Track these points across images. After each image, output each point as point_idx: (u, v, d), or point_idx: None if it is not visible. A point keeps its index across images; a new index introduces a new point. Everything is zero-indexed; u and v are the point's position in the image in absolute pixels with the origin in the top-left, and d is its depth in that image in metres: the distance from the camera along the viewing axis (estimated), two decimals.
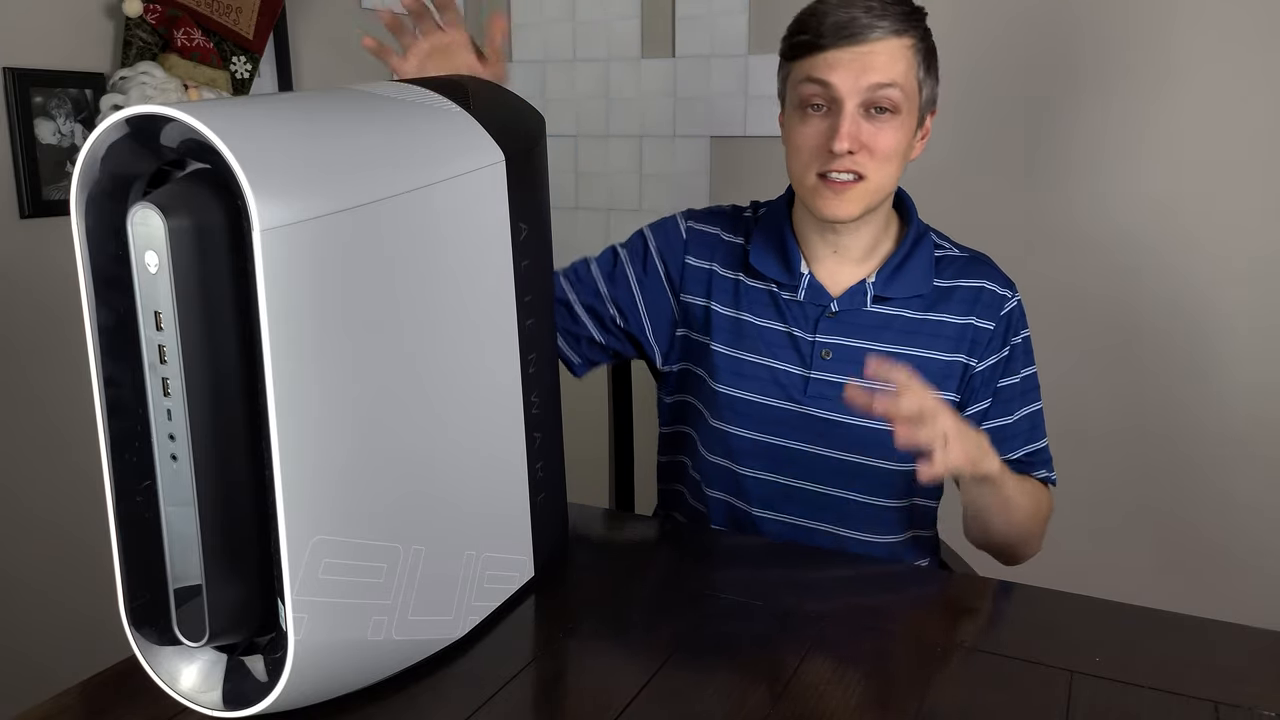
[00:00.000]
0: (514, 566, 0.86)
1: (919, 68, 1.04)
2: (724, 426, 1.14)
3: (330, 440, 0.65)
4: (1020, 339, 1.13)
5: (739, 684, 0.77)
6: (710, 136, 2.17)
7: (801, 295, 1.11)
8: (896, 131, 1.03)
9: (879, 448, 1.10)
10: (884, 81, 1.01)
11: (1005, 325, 1.11)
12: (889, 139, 1.03)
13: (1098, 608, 0.90)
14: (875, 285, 1.10)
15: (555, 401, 0.93)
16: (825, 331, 1.10)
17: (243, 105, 0.65)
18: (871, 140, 1.02)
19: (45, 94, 1.50)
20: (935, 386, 1.08)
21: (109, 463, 0.66)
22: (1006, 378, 1.12)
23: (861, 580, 0.99)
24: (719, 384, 1.14)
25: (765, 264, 1.13)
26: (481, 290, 0.79)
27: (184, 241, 0.59)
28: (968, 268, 1.13)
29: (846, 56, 1.01)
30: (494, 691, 0.75)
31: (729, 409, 1.14)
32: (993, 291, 1.12)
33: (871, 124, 1.02)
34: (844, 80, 1.01)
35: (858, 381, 1.08)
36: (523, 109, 0.90)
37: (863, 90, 1.01)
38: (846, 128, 1.01)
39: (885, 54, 1.01)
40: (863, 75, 1.00)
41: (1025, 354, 1.14)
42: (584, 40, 2.28)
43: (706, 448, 1.17)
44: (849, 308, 1.10)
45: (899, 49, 1.02)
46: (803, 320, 1.12)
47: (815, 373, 1.10)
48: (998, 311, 1.11)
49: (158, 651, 0.69)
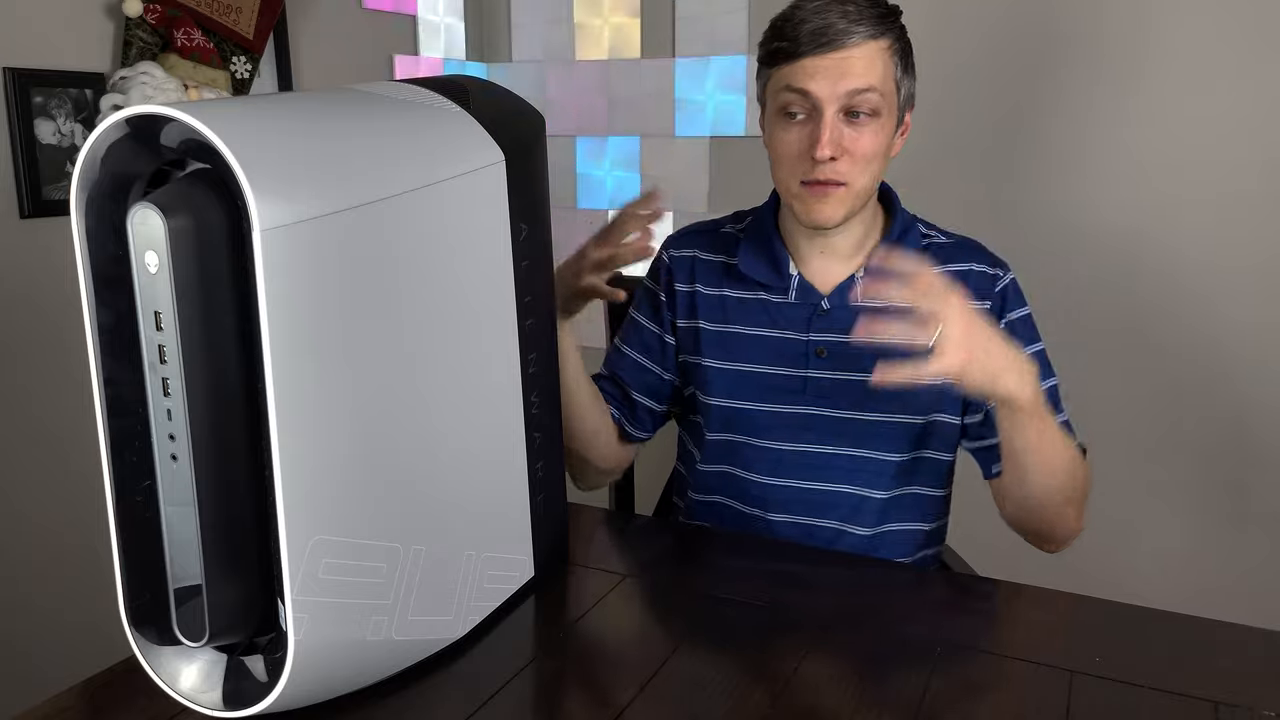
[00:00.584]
0: (514, 566, 0.86)
1: (896, 68, 1.04)
2: (720, 436, 1.15)
3: (330, 440, 0.65)
4: (1018, 316, 1.11)
5: (739, 684, 0.77)
6: (710, 136, 2.17)
7: (792, 296, 1.12)
8: (877, 134, 1.03)
9: (882, 439, 1.10)
10: (862, 87, 1.01)
11: (1000, 303, 1.11)
12: (869, 142, 1.03)
13: (1098, 608, 0.90)
14: (864, 280, 1.10)
15: (555, 401, 0.93)
16: (818, 330, 1.11)
17: (243, 105, 0.65)
18: (852, 144, 1.02)
19: (45, 94, 1.50)
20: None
21: (109, 463, 0.66)
22: None
23: (861, 580, 0.99)
24: (712, 397, 1.14)
25: (754, 269, 1.13)
26: (481, 290, 0.79)
27: (184, 241, 0.59)
28: (954, 253, 1.13)
29: (824, 64, 1.01)
30: (494, 691, 0.75)
31: (725, 420, 1.14)
32: (981, 272, 1.11)
33: (852, 128, 1.02)
34: (822, 88, 1.01)
35: (855, 376, 1.08)
36: (523, 109, 0.90)
37: (841, 97, 1.01)
38: (827, 135, 1.01)
39: (863, 59, 1.01)
40: (840, 82, 1.01)
41: (1025, 330, 1.11)
42: (584, 40, 2.28)
43: (705, 460, 1.18)
44: (839, 304, 1.11)
45: (876, 52, 1.02)
46: (795, 321, 1.12)
47: (812, 371, 1.10)
48: (990, 289, 1.10)
49: (158, 651, 0.69)
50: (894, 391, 1.07)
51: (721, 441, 1.16)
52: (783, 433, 1.12)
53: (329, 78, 1.96)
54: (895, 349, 1.06)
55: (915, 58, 1.08)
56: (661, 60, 2.20)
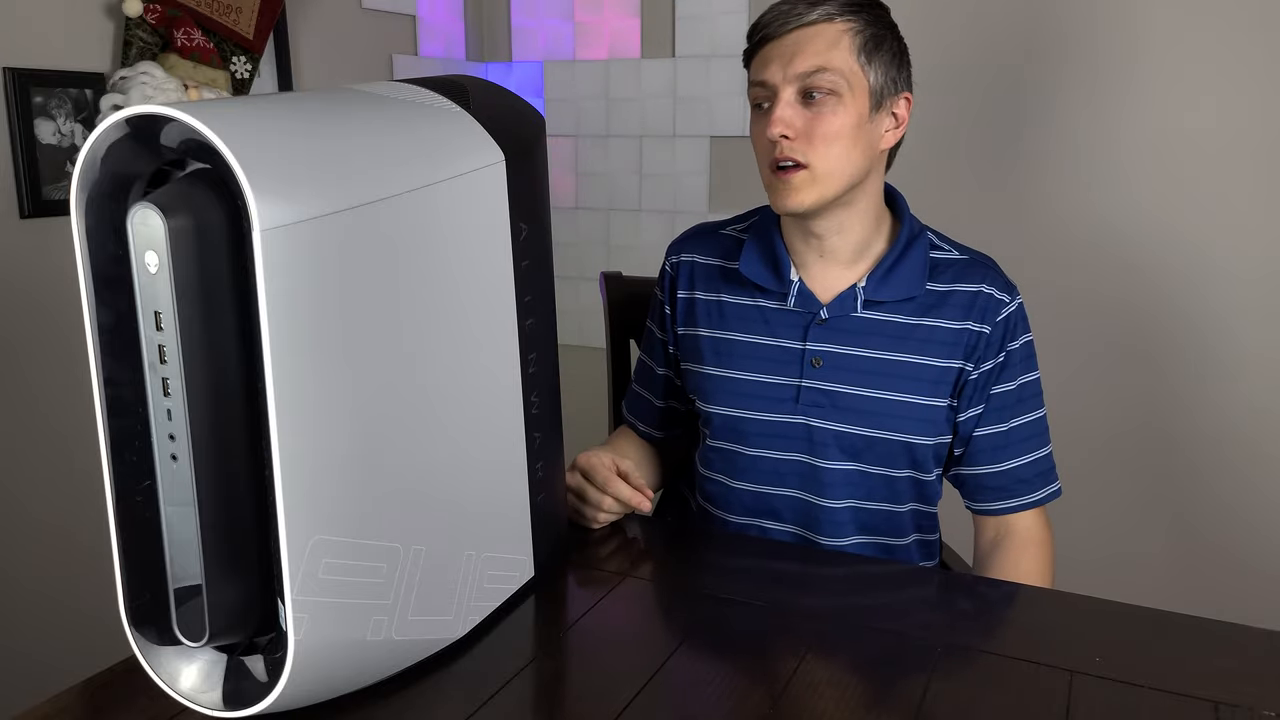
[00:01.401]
0: (514, 566, 0.86)
1: (859, 53, 1.03)
2: (719, 444, 1.15)
3: (330, 440, 0.65)
4: (1018, 345, 1.10)
5: (739, 684, 0.77)
6: (710, 136, 2.18)
7: (791, 302, 1.10)
8: (836, 115, 1.02)
9: (875, 454, 1.09)
10: (813, 67, 1.01)
11: (1003, 331, 1.09)
12: (828, 123, 1.02)
13: (1098, 608, 0.90)
14: (866, 290, 1.08)
15: (555, 401, 0.93)
16: (815, 339, 1.09)
17: (243, 105, 0.65)
18: (809, 125, 1.02)
19: (45, 94, 1.50)
20: (928, 393, 1.08)
21: (109, 463, 0.66)
22: (1001, 384, 1.10)
23: (861, 580, 0.99)
24: (711, 405, 1.15)
25: (755, 272, 1.13)
26: (481, 290, 0.79)
27: (184, 241, 0.59)
28: (966, 271, 1.11)
29: (776, 50, 1.03)
30: (494, 691, 0.75)
31: (721, 427, 1.14)
32: (990, 295, 1.09)
33: (809, 109, 1.02)
34: (775, 73, 1.02)
35: (849, 389, 1.08)
36: (523, 109, 0.90)
37: (793, 78, 1.02)
38: (777, 113, 1.02)
39: (817, 39, 1.01)
40: (790, 64, 1.01)
41: (1024, 360, 1.11)
42: (584, 40, 2.28)
43: (704, 465, 1.18)
44: (839, 314, 1.09)
45: (832, 34, 1.02)
46: (792, 329, 1.11)
47: (807, 381, 1.09)
48: (995, 316, 1.08)
49: (158, 651, 0.69)
50: (888, 408, 1.07)
51: (718, 449, 1.16)
52: (774, 442, 1.12)
53: (329, 78, 1.96)
54: (897, 367, 1.07)
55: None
56: (661, 60, 2.20)
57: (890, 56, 1.05)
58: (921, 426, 1.08)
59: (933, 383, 1.08)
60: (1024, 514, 1.12)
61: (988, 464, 1.11)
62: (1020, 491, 1.11)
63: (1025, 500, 1.12)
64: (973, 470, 1.12)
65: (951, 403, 1.09)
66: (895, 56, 1.06)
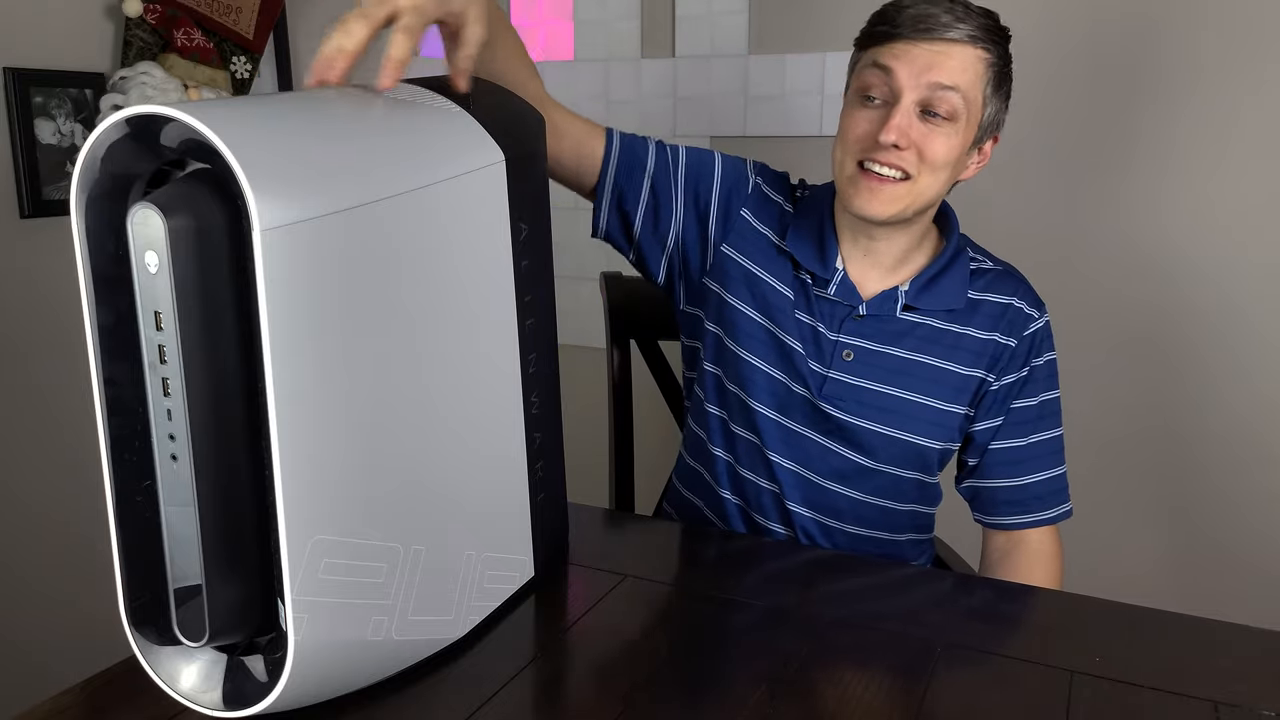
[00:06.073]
0: (514, 566, 0.86)
1: (987, 83, 1.01)
2: (740, 432, 1.14)
3: (330, 440, 0.65)
4: (1043, 361, 1.10)
5: (739, 684, 0.77)
6: (710, 137, 2.18)
7: (832, 291, 1.09)
8: (949, 139, 1.00)
9: (887, 453, 1.10)
10: (947, 83, 0.98)
11: (1029, 345, 1.09)
12: (941, 146, 1.00)
13: (1098, 608, 0.90)
14: (908, 295, 1.08)
15: (555, 401, 0.93)
16: (849, 332, 1.08)
17: (243, 105, 0.65)
18: (923, 141, 0.99)
19: (45, 94, 1.50)
20: (949, 399, 1.08)
21: (109, 463, 0.66)
22: (1023, 399, 1.10)
23: (861, 580, 0.99)
24: (752, 399, 1.12)
25: (800, 250, 1.10)
26: (481, 290, 0.79)
27: (184, 241, 0.59)
28: (997, 282, 1.10)
29: (915, 50, 0.98)
30: (494, 691, 0.75)
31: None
32: (1019, 309, 1.09)
33: (925, 125, 1.00)
34: (907, 72, 0.98)
35: (875, 386, 1.08)
36: (523, 109, 0.90)
37: (923, 86, 0.98)
38: (898, 120, 0.98)
39: (955, 57, 0.98)
40: (926, 72, 0.98)
41: (1047, 378, 1.11)
42: (584, 40, 2.28)
43: (711, 443, 1.17)
44: (877, 313, 1.08)
45: (971, 57, 0.99)
46: (829, 318, 1.09)
47: (834, 373, 1.09)
48: (1022, 330, 1.09)
49: (158, 651, 0.69)
50: (908, 409, 1.07)
51: (737, 433, 1.14)
52: (798, 415, 1.10)
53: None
54: (922, 369, 1.07)
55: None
56: (661, 60, 2.20)
57: (1005, 96, 1.05)
58: (935, 430, 1.08)
59: (955, 389, 1.08)
60: (1036, 529, 1.13)
61: (1004, 478, 1.12)
62: (1035, 508, 1.12)
63: (1039, 517, 1.12)
64: (988, 483, 1.13)
65: (969, 411, 1.10)
66: (1007, 98, 1.05)
